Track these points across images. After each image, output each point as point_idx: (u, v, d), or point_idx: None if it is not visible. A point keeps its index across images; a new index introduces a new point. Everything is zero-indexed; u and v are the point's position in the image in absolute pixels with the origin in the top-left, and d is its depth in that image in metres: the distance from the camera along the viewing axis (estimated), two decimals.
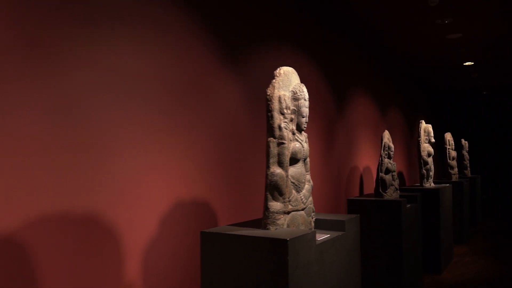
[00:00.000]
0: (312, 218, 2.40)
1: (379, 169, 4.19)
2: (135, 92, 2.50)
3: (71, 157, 2.10)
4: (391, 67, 7.95)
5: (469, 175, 8.93)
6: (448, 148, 7.33)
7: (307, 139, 2.41)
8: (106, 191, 2.28)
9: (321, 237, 2.30)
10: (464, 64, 7.78)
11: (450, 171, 7.35)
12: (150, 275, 2.51)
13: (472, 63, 7.72)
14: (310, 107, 2.41)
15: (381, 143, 4.27)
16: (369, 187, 6.30)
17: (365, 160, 6.27)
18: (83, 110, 2.17)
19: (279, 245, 1.84)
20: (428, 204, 5.25)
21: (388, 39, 6.17)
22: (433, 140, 5.69)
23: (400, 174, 7.66)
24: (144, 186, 2.54)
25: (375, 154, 6.67)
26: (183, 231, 2.79)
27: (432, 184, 5.76)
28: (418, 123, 5.76)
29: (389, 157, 4.25)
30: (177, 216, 2.76)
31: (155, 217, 2.61)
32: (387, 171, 4.18)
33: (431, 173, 5.74)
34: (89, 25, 2.23)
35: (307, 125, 2.36)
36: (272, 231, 2.06)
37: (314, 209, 2.43)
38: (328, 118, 5.05)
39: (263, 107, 3.69)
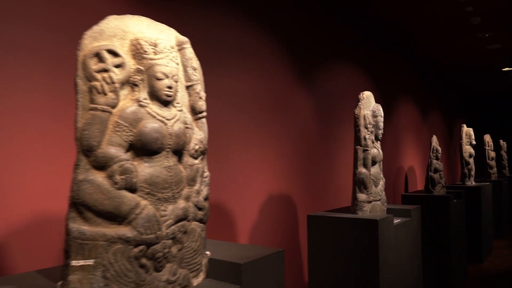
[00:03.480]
0: (385, 207, 3.10)
1: (428, 169, 4.83)
2: (242, 109, 3.28)
3: (209, 159, 2.89)
4: (433, 75, 8.49)
5: (508, 174, 9.30)
6: (487, 149, 7.79)
7: (380, 146, 3.12)
8: (226, 186, 3.06)
9: (394, 221, 3.00)
10: (503, 69, 8.21)
11: (490, 170, 7.81)
12: None
13: (511, 68, 8.14)
14: None
15: (430, 146, 4.91)
16: (413, 184, 6.91)
17: (410, 161, 6.88)
18: (214, 125, 2.96)
19: (372, 224, 2.56)
20: (470, 201, 5.80)
21: (432, 51, 6.75)
22: (474, 142, 6.23)
23: None
24: (248, 182, 3.32)
25: (418, 155, 7.26)
26: (275, 216, 3.57)
27: (473, 183, 6.29)
28: (460, 127, 6.31)
29: (437, 158, 4.87)
30: (270, 204, 3.53)
31: (256, 205, 3.39)
32: (436, 170, 4.81)
33: (472, 173, 6.28)
34: (216, 61, 3.02)
35: (382, 135, 3.07)
36: (361, 215, 2.79)
37: (386, 200, 3.14)
38: None
39: (329, 115, 4.44)
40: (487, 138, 7.86)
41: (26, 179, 1.94)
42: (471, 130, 6.29)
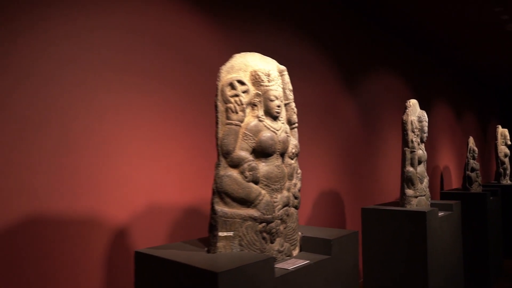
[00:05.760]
0: (429, 201, 3.48)
1: (465, 168, 5.14)
2: (300, 116, 3.72)
3: None
4: (468, 78, 8.69)
5: None
6: None
7: (424, 147, 3.50)
8: None
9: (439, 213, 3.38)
10: None
11: None
12: None
13: None
14: None
15: (467, 147, 5.22)
16: (448, 183, 7.18)
17: (445, 161, 7.16)
18: None
19: (421, 216, 2.96)
20: (506, 199, 6.04)
21: (468, 55, 7.01)
22: (509, 142, 6.45)
23: None
24: (305, 179, 3.76)
25: (453, 155, 7.52)
26: (326, 209, 4.00)
27: (509, 181, 6.52)
28: (495, 128, 6.56)
29: (474, 158, 5.18)
30: (321, 199, 3.97)
31: (310, 200, 3.84)
32: (472, 169, 5.12)
33: (508, 172, 6.50)
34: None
35: (426, 138, 3.46)
36: (409, 208, 3.19)
37: (430, 195, 3.52)
38: None
39: (372, 118, 4.83)
40: None
41: (142, 176, 2.46)
42: (506, 131, 6.52)
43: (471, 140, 5.30)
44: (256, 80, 1.84)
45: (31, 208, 1.98)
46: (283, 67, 2.02)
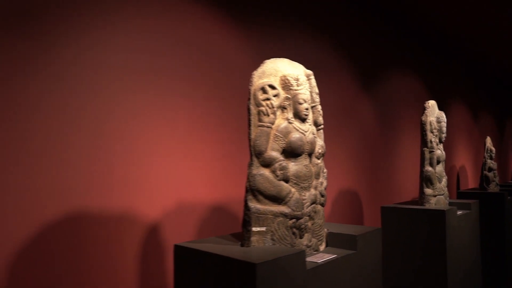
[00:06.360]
0: (447, 200, 3.55)
1: (483, 168, 5.18)
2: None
3: None
4: (484, 77, 8.67)
5: None
6: None
7: (443, 147, 3.57)
8: None
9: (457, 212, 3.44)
10: None
11: None
12: None
13: None
14: None
15: (484, 147, 5.25)
16: (464, 183, 7.18)
17: (461, 160, 7.17)
18: None
19: (440, 214, 3.04)
20: None
21: (484, 55, 7.01)
22: None
23: None
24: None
25: (469, 155, 7.52)
26: (344, 208, 4.09)
27: None
28: None
29: (491, 158, 5.21)
30: (340, 198, 4.06)
31: (330, 198, 3.93)
32: (490, 169, 5.15)
33: None
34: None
35: (444, 138, 3.53)
36: (428, 207, 3.26)
37: (448, 195, 3.59)
38: None
39: (388, 119, 4.90)
40: None
41: (173, 175, 2.59)
42: None
43: (488, 140, 5.33)
44: (286, 85, 1.95)
45: (67, 207, 2.11)
46: (309, 72, 2.13)
